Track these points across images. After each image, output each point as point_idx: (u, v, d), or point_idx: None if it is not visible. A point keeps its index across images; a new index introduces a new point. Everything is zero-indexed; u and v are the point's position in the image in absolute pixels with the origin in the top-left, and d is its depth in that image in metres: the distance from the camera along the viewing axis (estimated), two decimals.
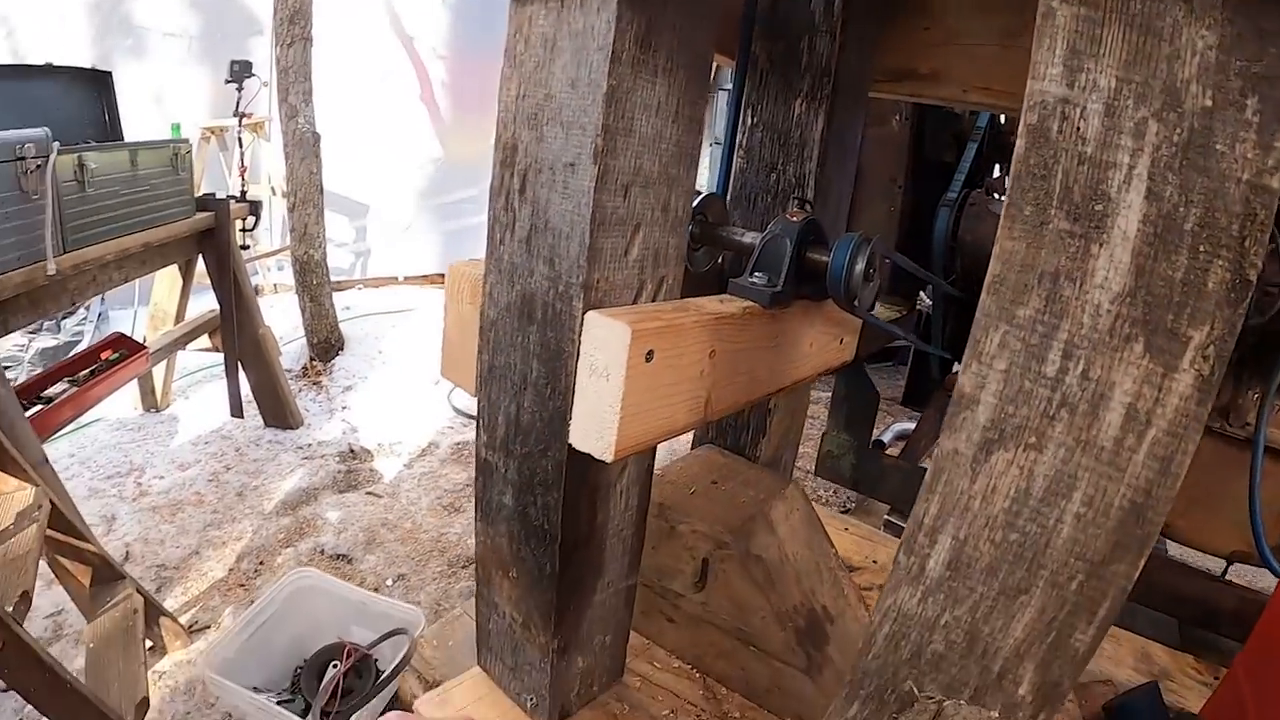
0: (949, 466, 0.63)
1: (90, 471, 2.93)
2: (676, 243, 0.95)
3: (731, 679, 1.30)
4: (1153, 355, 0.53)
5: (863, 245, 1.04)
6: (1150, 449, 0.54)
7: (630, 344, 0.78)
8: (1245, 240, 0.50)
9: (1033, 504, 0.59)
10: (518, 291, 0.92)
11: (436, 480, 2.99)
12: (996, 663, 0.64)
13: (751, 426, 1.43)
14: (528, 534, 1.01)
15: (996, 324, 0.59)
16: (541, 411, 0.92)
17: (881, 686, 0.71)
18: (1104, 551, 0.57)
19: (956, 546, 0.63)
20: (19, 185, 2.07)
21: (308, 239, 3.70)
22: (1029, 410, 0.58)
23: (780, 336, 1.09)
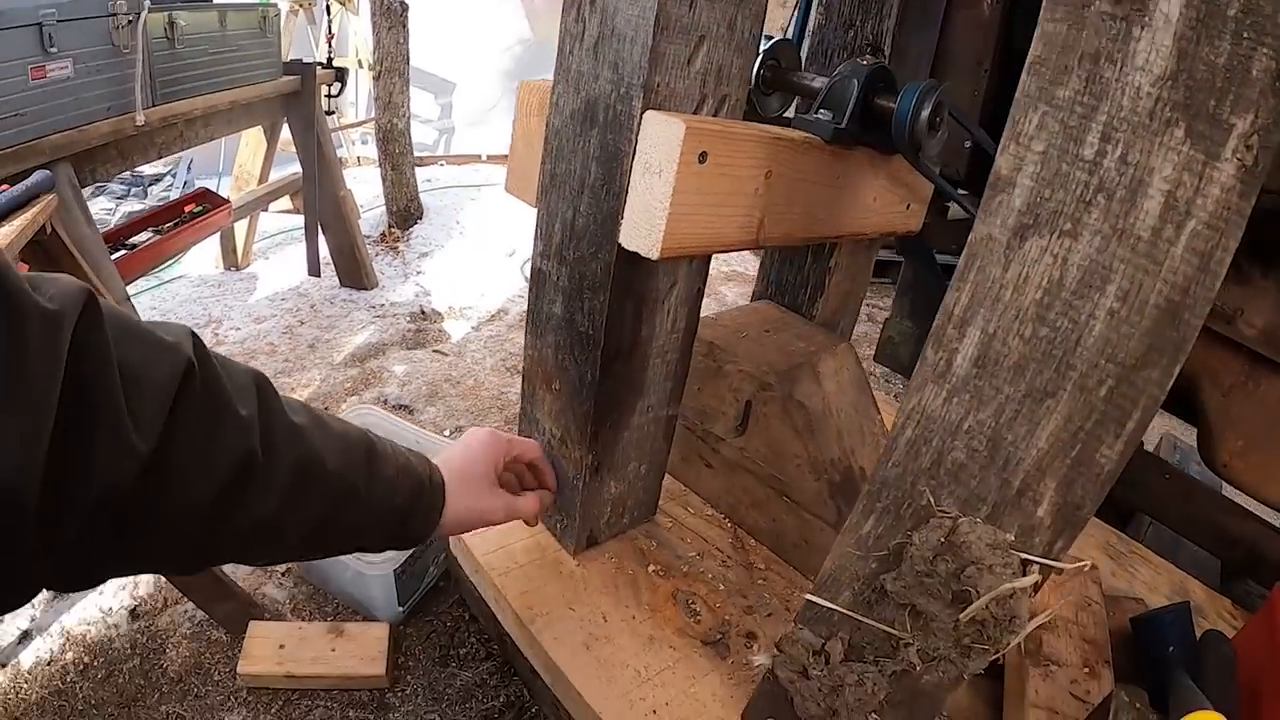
0: (982, 252, 0.62)
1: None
2: (741, 64, 0.95)
3: (762, 531, 1.34)
4: (1194, 141, 0.52)
5: (930, 92, 1.03)
6: (1189, 242, 0.53)
7: (684, 140, 0.80)
8: None
9: (1065, 296, 0.59)
10: (582, 98, 0.94)
11: (502, 343, 3.06)
12: (1017, 476, 0.64)
13: (810, 284, 1.44)
14: (573, 341, 1.05)
15: (1036, 104, 0.58)
16: (596, 214, 0.95)
17: (899, 499, 0.73)
18: (1137, 354, 0.57)
19: (985, 340, 0.63)
20: (111, 40, 2.14)
21: (392, 108, 3.75)
22: (1065, 195, 0.58)
23: (841, 178, 1.10)
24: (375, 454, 0.82)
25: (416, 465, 0.89)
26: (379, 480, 0.81)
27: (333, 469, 0.74)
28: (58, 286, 0.50)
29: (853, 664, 0.81)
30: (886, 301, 3.45)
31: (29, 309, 0.45)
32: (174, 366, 0.57)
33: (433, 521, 0.91)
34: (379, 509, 0.82)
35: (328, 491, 0.74)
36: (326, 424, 0.77)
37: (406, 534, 0.88)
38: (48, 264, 1.80)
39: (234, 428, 0.62)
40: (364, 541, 0.85)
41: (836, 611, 0.80)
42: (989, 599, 0.63)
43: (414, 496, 0.87)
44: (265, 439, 0.65)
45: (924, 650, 0.73)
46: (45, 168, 1.88)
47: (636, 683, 1.04)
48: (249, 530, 0.66)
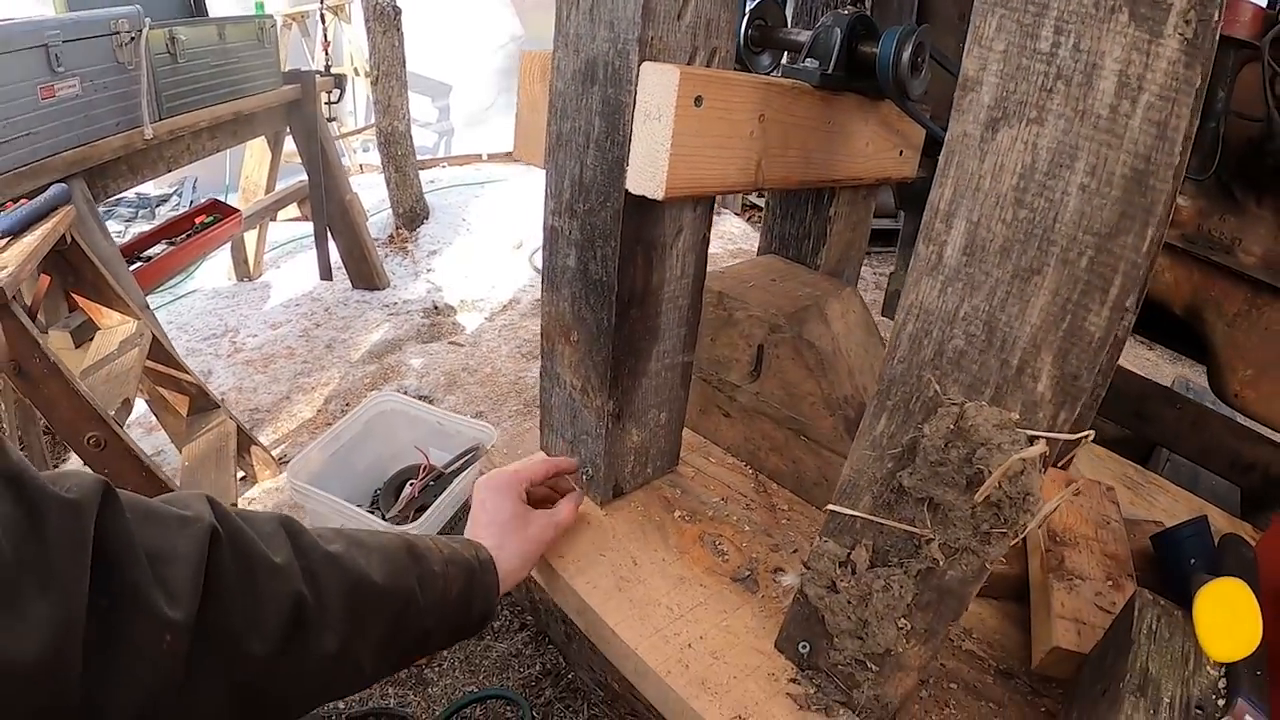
0: (959, 149, 0.67)
1: (187, 335, 3.11)
2: (728, 17, 0.99)
3: (782, 474, 1.38)
4: (1138, 23, 0.56)
5: (910, 35, 1.08)
6: (1145, 114, 0.58)
7: (679, 85, 0.85)
8: None
9: (1039, 178, 0.63)
10: (583, 59, 0.98)
11: (516, 331, 3.12)
12: (1015, 355, 0.69)
13: (812, 235, 1.48)
14: (588, 290, 1.09)
15: (994, 9, 0.63)
16: (602, 165, 0.99)
17: (907, 394, 0.77)
18: (1111, 222, 0.61)
19: (971, 229, 0.68)
20: (115, 57, 2.21)
21: (391, 111, 3.81)
22: (1028, 86, 0.62)
23: (833, 122, 1.14)
24: (419, 554, 0.84)
25: (461, 550, 0.92)
26: (430, 579, 0.82)
27: (383, 584, 0.76)
28: (75, 479, 0.52)
29: (878, 569, 0.85)
30: (888, 267, 3.49)
31: (49, 501, 0.48)
32: (198, 538, 0.59)
33: (494, 597, 0.93)
34: (439, 606, 0.83)
35: (384, 608, 0.76)
36: (363, 541, 0.79)
37: (471, 619, 0.89)
38: (69, 274, 1.85)
39: (274, 578, 0.64)
40: (433, 642, 0.86)
41: (859, 518, 0.84)
42: (999, 475, 0.67)
43: (468, 582, 0.89)
44: (309, 578, 0.67)
45: (945, 544, 0.77)
46: (58, 183, 1.93)
47: (670, 619, 1.09)
48: (320, 669, 0.68)
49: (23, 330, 1.46)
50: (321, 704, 0.74)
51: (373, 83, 3.82)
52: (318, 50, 3.91)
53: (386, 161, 3.96)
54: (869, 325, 1.38)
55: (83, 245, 1.83)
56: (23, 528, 0.46)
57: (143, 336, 1.93)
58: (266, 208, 3.22)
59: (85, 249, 1.84)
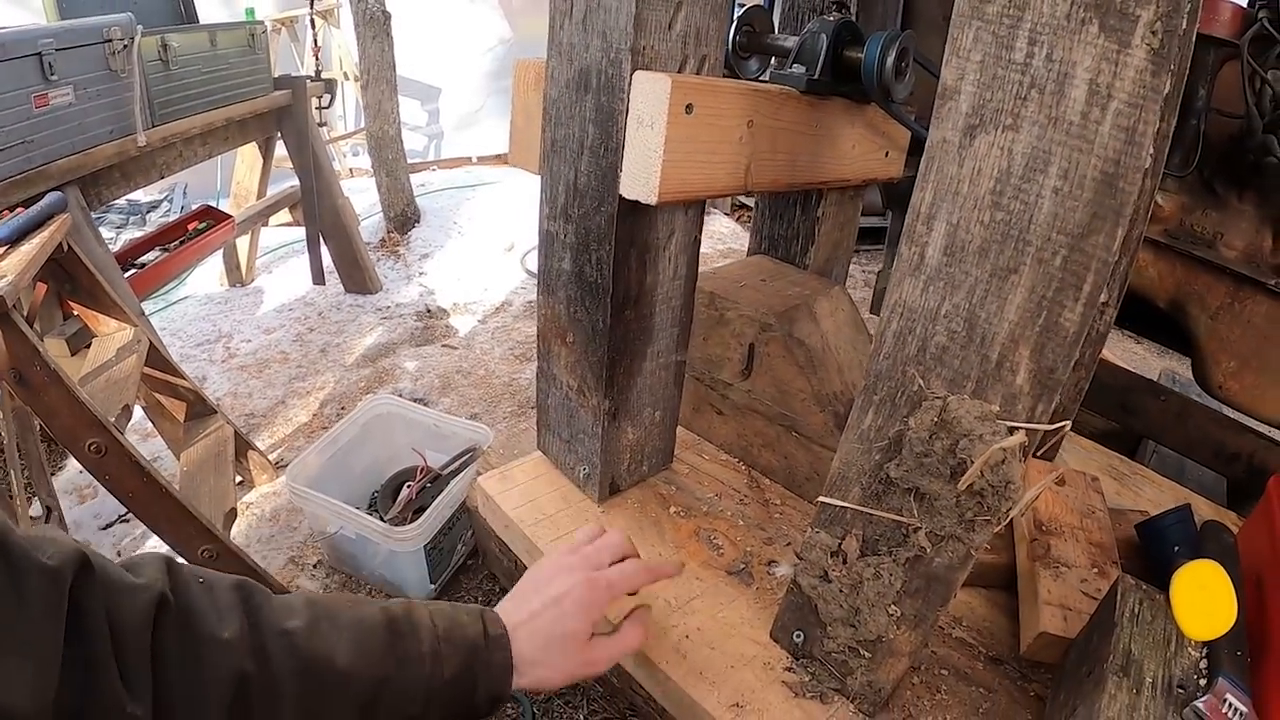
0: (939, 154, 0.70)
1: (181, 341, 3.12)
2: (717, 25, 1.02)
3: (774, 470, 1.41)
4: (1107, 34, 0.59)
5: (894, 39, 1.11)
6: (1114, 120, 0.61)
7: (671, 93, 0.88)
8: None
9: (1014, 181, 0.66)
10: (576, 68, 1.01)
11: (509, 333, 3.14)
12: (994, 350, 0.72)
13: (801, 236, 1.51)
14: (583, 293, 1.12)
15: (970, 21, 0.66)
16: (596, 171, 1.02)
17: (893, 389, 0.80)
18: (1083, 223, 0.64)
19: (951, 231, 0.71)
20: (107, 65, 2.22)
21: (382, 115, 3.82)
22: (1004, 94, 0.65)
23: (820, 126, 1.18)
24: (401, 632, 0.75)
25: (466, 625, 0.81)
26: (413, 661, 0.74)
27: (345, 667, 0.69)
28: (55, 545, 0.53)
29: (869, 558, 0.88)
30: (877, 265, 3.53)
31: (31, 566, 0.50)
32: (145, 608, 0.57)
33: (505, 682, 0.81)
34: (425, 691, 0.75)
35: (348, 692, 0.69)
36: (335, 615, 0.72)
37: (476, 703, 0.79)
38: (66, 281, 1.87)
39: (217, 653, 0.60)
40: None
41: (849, 508, 0.88)
42: (981, 464, 0.70)
43: (467, 663, 0.78)
44: (257, 655, 0.63)
45: (932, 532, 0.80)
46: (54, 191, 1.94)
47: (668, 612, 1.11)
48: None
49: (23, 339, 1.48)
50: None
51: (363, 87, 3.83)
52: (307, 55, 3.92)
53: (377, 166, 3.98)
54: (857, 323, 1.42)
55: (79, 253, 1.85)
56: (3, 590, 0.48)
57: (140, 343, 1.95)
58: (259, 213, 3.23)
59: (81, 257, 1.86)
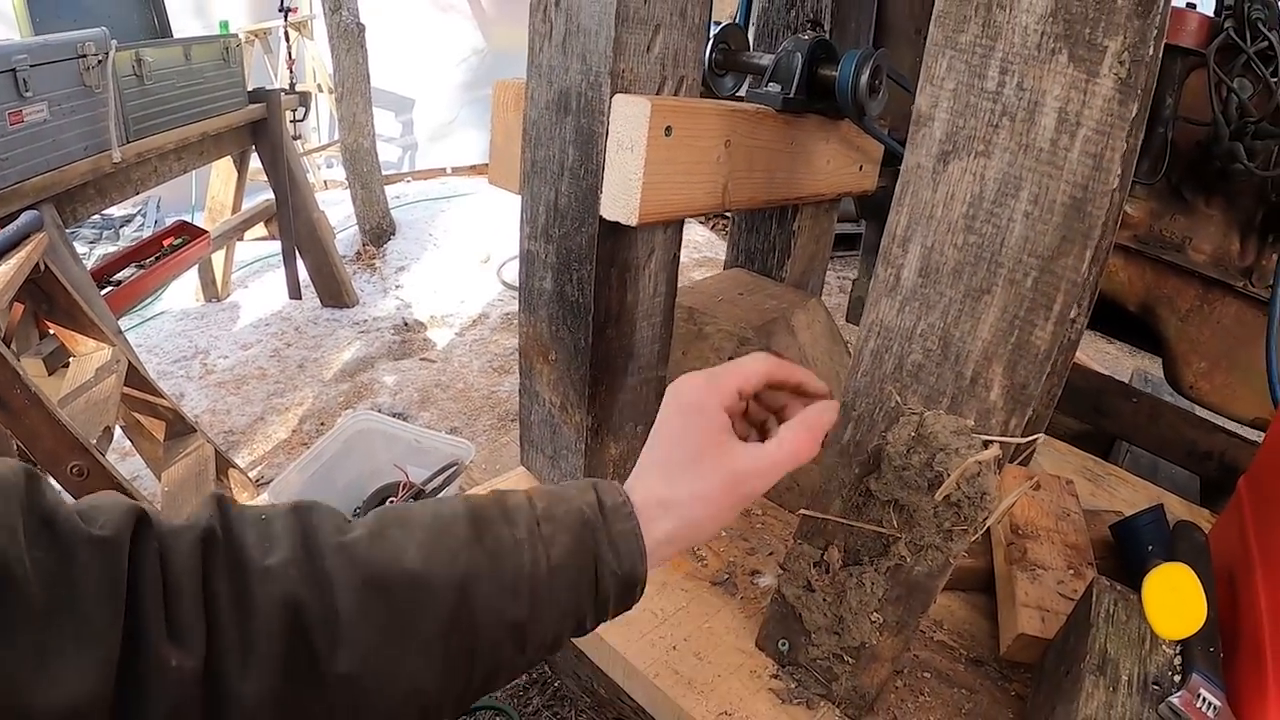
0: (913, 179, 0.72)
1: (158, 358, 3.11)
2: (694, 47, 1.05)
3: None
4: (1076, 64, 0.62)
5: (867, 58, 1.13)
6: (1083, 147, 0.63)
7: (650, 116, 0.90)
8: None
9: (987, 205, 0.69)
10: (556, 90, 1.03)
11: (487, 346, 3.15)
12: (969, 367, 0.74)
13: (777, 249, 1.54)
14: (565, 313, 1.14)
15: (944, 50, 0.68)
16: (576, 192, 1.04)
17: (871, 405, 0.83)
18: (1053, 245, 0.66)
19: (925, 253, 0.73)
20: (81, 80, 2.22)
21: (356, 128, 3.83)
22: (976, 121, 0.68)
23: (795, 143, 1.20)
24: (486, 520, 0.61)
25: (573, 496, 0.66)
26: (505, 551, 0.60)
27: (417, 570, 0.56)
28: (107, 512, 0.48)
29: (851, 568, 0.90)
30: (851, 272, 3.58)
31: (82, 540, 0.45)
32: (191, 549, 0.50)
33: (635, 555, 0.65)
34: (529, 582, 0.60)
35: (426, 599, 0.56)
36: (407, 519, 0.60)
37: (601, 591, 0.64)
38: (43, 301, 1.86)
39: (264, 583, 0.51)
40: (538, 636, 0.62)
41: (830, 520, 0.90)
42: (957, 477, 0.72)
43: (579, 541, 0.63)
44: (310, 577, 0.53)
45: (912, 542, 0.82)
46: (29, 209, 1.94)
47: (655, 623, 1.13)
48: (349, 703, 0.53)
49: (3, 362, 1.48)
50: None
51: (337, 100, 3.84)
52: (281, 67, 3.92)
53: (352, 178, 3.98)
54: (834, 334, 1.44)
55: (56, 273, 1.85)
56: (54, 573, 0.42)
57: (119, 363, 1.95)
58: (234, 228, 3.23)
59: (59, 276, 1.85)
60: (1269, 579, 0.94)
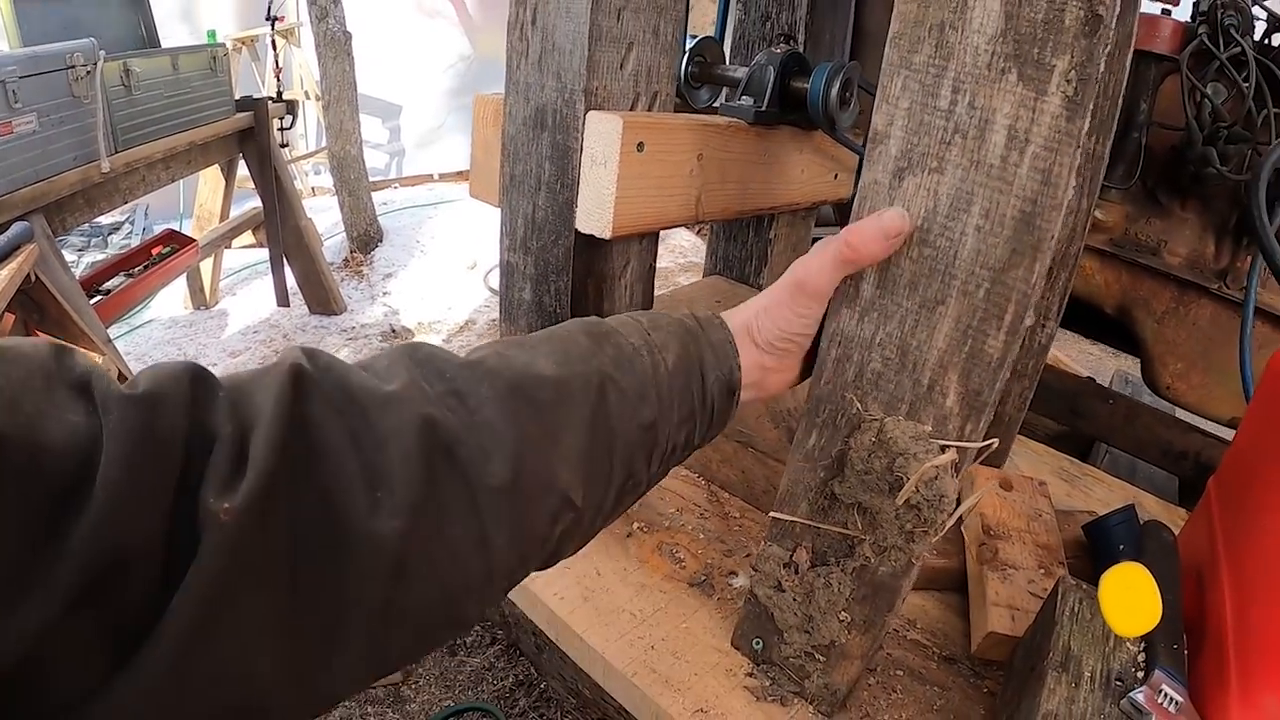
0: (870, 195, 0.75)
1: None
2: (668, 63, 1.08)
3: (733, 484, 1.46)
4: (1025, 83, 0.65)
5: (839, 70, 1.16)
6: (1031, 163, 0.66)
7: (622, 133, 0.93)
8: None
9: (940, 220, 0.72)
10: (532, 106, 1.06)
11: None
12: (925, 375, 0.77)
13: (755, 256, 1.57)
14: (544, 323, 1.16)
15: (899, 70, 0.71)
16: (553, 206, 1.07)
17: (834, 412, 0.85)
18: (1003, 258, 0.69)
19: (883, 265, 0.76)
20: (70, 91, 2.23)
21: (343, 135, 3.85)
22: (930, 139, 0.70)
23: (768, 155, 1.23)
24: (603, 333, 0.64)
25: (669, 311, 0.72)
26: (626, 357, 0.62)
27: (555, 374, 0.55)
28: (152, 375, 0.42)
29: (819, 569, 0.93)
30: None
31: (116, 400, 0.39)
32: (276, 384, 0.44)
33: (732, 359, 0.71)
34: (655, 383, 0.62)
35: (569, 402, 0.55)
36: (521, 341, 0.60)
37: (708, 394, 0.68)
38: (33, 311, 1.88)
39: (385, 410, 0.46)
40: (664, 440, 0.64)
41: (798, 522, 0.92)
42: (916, 480, 0.75)
43: (685, 348, 0.67)
44: (440, 397, 0.49)
45: (876, 543, 0.85)
46: (19, 220, 1.95)
47: (633, 624, 1.15)
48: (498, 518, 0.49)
49: None
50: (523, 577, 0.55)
51: (324, 108, 3.86)
52: (269, 75, 3.93)
53: (339, 186, 4.00)
54: None
55: (47, 283, 1.87)
56: (90, 436, 0.37)
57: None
58: (222, 236, 3.24)
59: (49, 287, 1.87)
60: (1234, 576, 0.97)
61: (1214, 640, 0.92)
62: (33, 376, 0.37)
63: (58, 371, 0.39)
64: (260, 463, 0.40)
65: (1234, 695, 0.82)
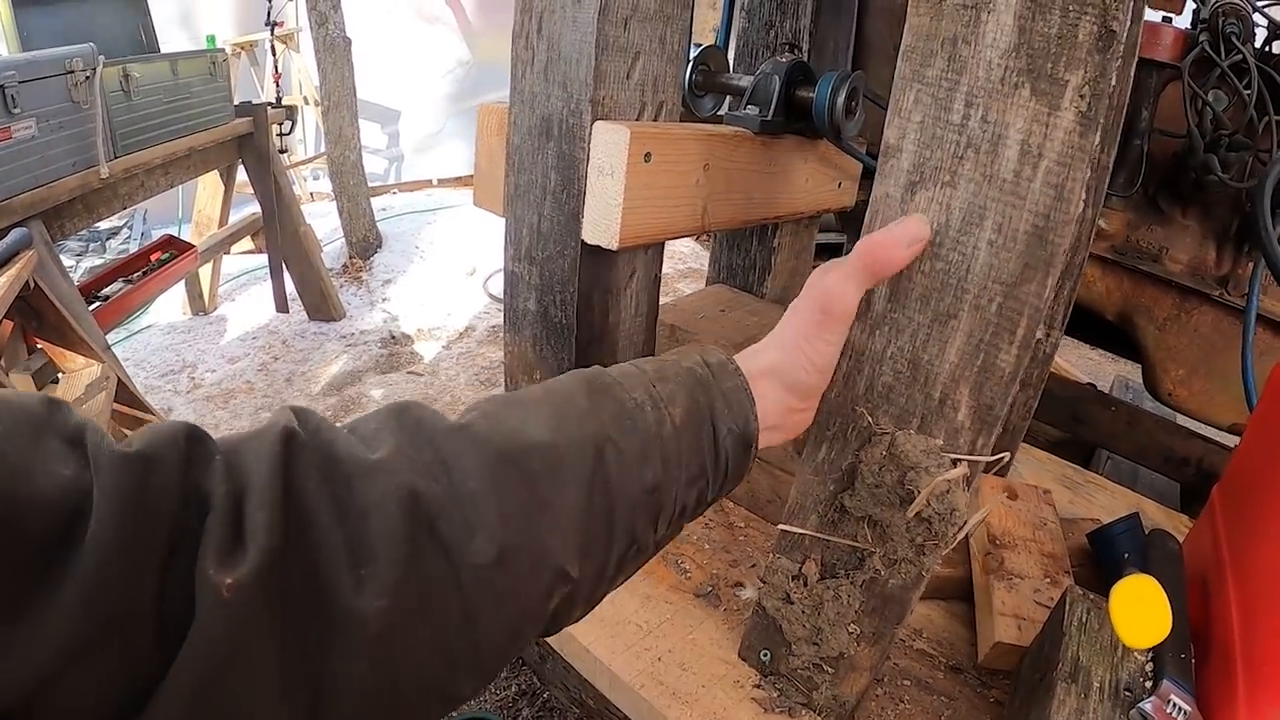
0: (883, 208, 0.75)
1: (145, 371, 3.11)
2: (674, 73, 1.07)
3: (738, 494, 1.45)
4: (1038, 98, 0.65)
5: (844, 80, 1.16)
6: (1044, 178, 0.66)
7: (630, 143, 0.93)
8: None
9: (953, 234, 0.71)
10: (538, 116, 1.05)
11: (474, 359, 3.17)
12: (937, 389, 0.77)
13: (758, 265, 1.57)
14: (549, 333, 1.16)
15: (911, 84, 0.71)
16: (559, 216, 1.06)
17: (844, 425, 0.85)
18: (1016, 273, 0.69)
19: (894, 279, 0.76)
20: (69, 96, 2.22)
21: (342, 141, 3.84)
22: (942, 153, 0.70)
23: (773, 164, 1.23)
24: (603, 387, 0.59)
25: (678, 359, 0.66)
26: (630, 412, 0.58)
27: (547, 440, 0.52)
28: (146, 434, 0.42)
29: (828, 581, 0.92)
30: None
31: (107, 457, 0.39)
32: (269, 448, 0.44)
33: (747, 409, 0.65)
34: (658, 443, 0.58)
35: (562, 469, 0.52)
36: (515, 399, 0.57)
37: (720, 448, 0.63)
38: (32, 318, 1.87)
39: (370, 479, 0.46)
40: (670, 501, 0.60)
41: (807, 535, 0.92)
42: (927, 494, 0.75)
43: (694, 400, 0.62)
44: (425, 466, 0.48)
45: (886, 556, 0.85)
46: (18, 226, 1.95)
47: (640, 635, 1.15)
48: (483, 595, 0.48)
49: None
50: (516, 652, 0.54)
51: (323, 113, 3.85)
52: (268, 80, 3.93)
53: (339, 191, 3.99)
54: None
55: (45, 290, 1.86)
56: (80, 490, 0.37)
57: (108, 380, 1.96)
58: (221, 242, 3.24)
59: (48, 293, 1.86)
60: (1240, 585, 0.97)
61: (1221, 650, 0.92)
62: (20, 426, 0.37)
63: (48, 423, 0.38)
64: (262, 539, 0.40)
65: (1242, 705, 0.82)
